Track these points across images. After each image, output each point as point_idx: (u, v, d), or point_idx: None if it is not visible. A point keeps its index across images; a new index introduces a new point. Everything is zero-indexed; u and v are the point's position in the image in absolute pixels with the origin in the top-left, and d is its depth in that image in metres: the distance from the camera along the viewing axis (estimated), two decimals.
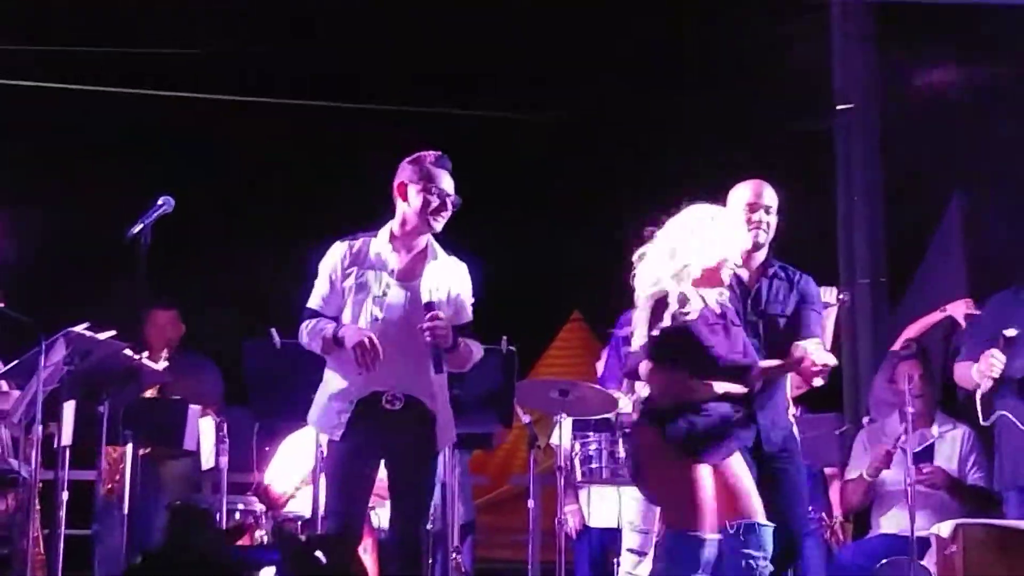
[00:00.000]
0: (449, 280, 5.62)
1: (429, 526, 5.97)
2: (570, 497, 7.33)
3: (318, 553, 2.41)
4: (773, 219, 5.85)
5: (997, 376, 6.33)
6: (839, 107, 9.75)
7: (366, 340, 5.38)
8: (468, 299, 5.69)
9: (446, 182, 5.60)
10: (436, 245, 5.70)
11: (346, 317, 5.59)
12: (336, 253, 5.65)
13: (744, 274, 5.74)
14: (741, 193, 5.87)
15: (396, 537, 5.62)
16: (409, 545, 5.55)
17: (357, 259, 5.62)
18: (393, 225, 5.67)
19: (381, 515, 6.49)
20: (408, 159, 5.66)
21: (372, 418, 5.51)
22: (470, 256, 5.78)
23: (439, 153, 5.65)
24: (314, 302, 5.64)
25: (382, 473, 5.68)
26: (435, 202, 5.56)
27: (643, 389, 6.62)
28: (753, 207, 5.83)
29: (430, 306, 5.46)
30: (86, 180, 9.50)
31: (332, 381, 5.60)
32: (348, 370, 5.53)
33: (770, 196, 5.88)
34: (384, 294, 5.56)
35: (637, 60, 10.26)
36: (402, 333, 5.52)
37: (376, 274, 5.60)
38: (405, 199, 5.61)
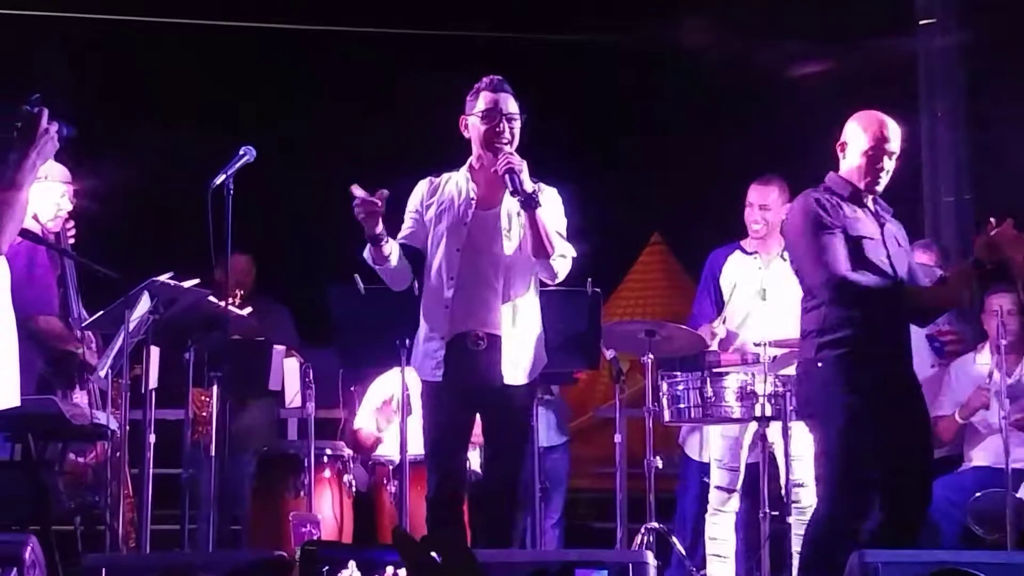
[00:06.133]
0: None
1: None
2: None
3: (434, 553, 2.38)
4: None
5: None
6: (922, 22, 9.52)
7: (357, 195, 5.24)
8: (556, 222, 5.53)
9: (504, 104, 5.51)
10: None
11: (430, 249, 5.55)
12: (419, 189, 5.67)
13: None
14: None
15: (492, 486, 5.53)
16: (505, 497, 5.46)
17: (438, 192, 5.60)
18: (472, 158, 5.64)
19: (472, 459, 6.25)
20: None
21: (463, 359, 5.44)
22: (549, 180, 5.63)
23: (494, 77, 5.57)
24: (400, 236, 5.61)
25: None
26: (496, 126, 5.49)
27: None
28: None
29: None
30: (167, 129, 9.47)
31: (423, 325, 5.58)
32: (433, 312, 5.51)
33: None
34: (464, 223, 5.50)
35: None
36: (484, 261, 5.47)
37: (456, 204, 5.55)
38: (468, 130, 5.59)
